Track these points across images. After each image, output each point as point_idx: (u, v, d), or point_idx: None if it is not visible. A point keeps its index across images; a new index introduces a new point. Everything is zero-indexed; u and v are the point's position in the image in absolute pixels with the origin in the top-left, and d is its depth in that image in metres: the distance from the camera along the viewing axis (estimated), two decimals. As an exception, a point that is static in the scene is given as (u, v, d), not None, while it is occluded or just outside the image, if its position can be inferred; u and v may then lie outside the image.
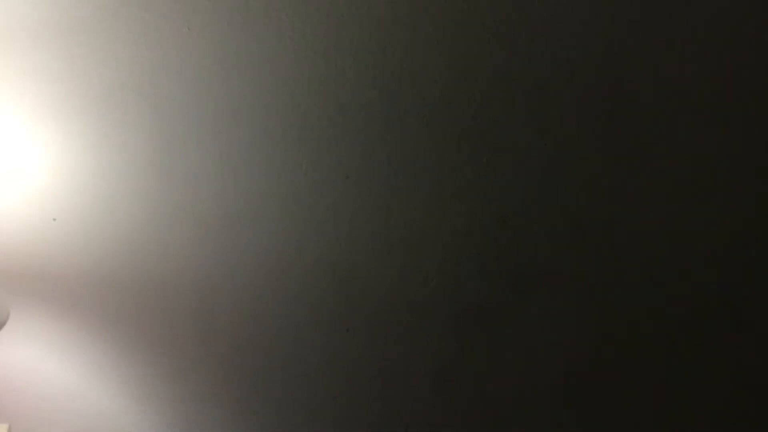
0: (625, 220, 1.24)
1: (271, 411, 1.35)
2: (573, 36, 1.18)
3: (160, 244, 1.28)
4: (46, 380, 1.33)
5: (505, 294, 1.28)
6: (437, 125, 1.22)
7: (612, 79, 1.20)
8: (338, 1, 1.18)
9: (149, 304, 1.31)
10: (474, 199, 1.25)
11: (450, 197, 1.25)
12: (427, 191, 1.25)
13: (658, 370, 1.30)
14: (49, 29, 1.20)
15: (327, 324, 1.31)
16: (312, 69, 1.21)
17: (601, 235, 1.25)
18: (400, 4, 1.18)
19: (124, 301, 1.30)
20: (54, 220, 1.27)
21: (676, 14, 1.17)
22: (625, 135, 1.21)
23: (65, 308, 1.30)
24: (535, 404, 1.32)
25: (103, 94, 1.22)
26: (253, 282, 1.29)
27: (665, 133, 1.21)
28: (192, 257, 1.28)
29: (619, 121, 1.21)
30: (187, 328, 1.31)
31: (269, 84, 1.21)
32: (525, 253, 1.27)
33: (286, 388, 1.34)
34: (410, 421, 1.34)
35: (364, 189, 1.25)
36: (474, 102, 1.21)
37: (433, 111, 1.22)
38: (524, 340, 1.30)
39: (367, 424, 1.35)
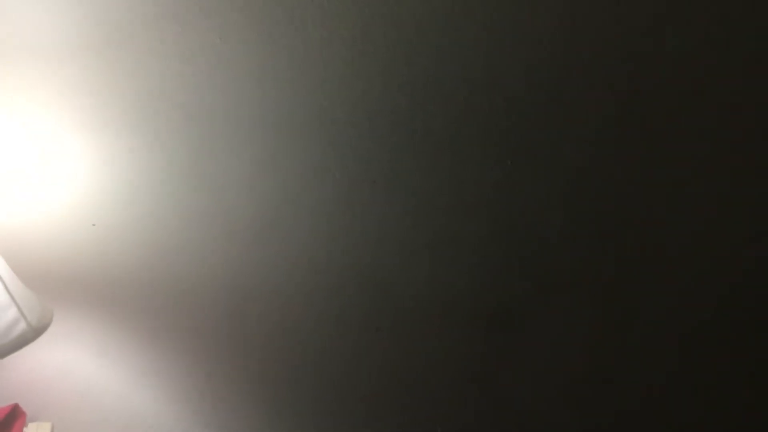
0: (646, 223, 1.25)
1: (303, 411, 1.39)
2: (593, 42, 1.19)
3: (193, 249, 1.32)
4: (86, 381, 1.38)
5: (530, 296, 1.30)
6: (462, 131, 1.24)
7: (631, 82, 1.21)
8: (363, 12, 1.21)
9: (183, 308, 1.35)
10: (498, 203, 1.27)
11: (475, 201, 1.27)
12: (452, 195, 1.27)
13: (680, 369, 1.31)
14: (87, 44, 1.24)
15: (356, 326, 1.34)
16: (339, 77, 1.23)
17: (622, 238, 1.27)
18: (425, 12, 1.20)
19: (160, 304, 1.34)
20: (93, 225, 1.31)
21: (694, 14, 1.18)
22: (647, 140, 1.22)
23: (104, 311, 1.35)
24: (560, 402, 1.34)
25: (137, 104, 1.26)
26: (283, 286, 1.32)
27: (687, 137, 1.22)
28: (224, 262, 1.32)
29: (642, 127, 1.22)
30: (220, 331, 1.35)
31: (298, 92, 1.24)
32: (549, 255, 1.28)
33: (316, 388, 1.37)
34: (439, 420, 1.37)
35: (391, 194, 1.27)
36: (498, 108, 1.23)
37: (458, 117, 1.24)
38: (549, 340, 1.31)
39: (396, 423, 1.37)
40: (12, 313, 1.10)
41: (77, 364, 1.37)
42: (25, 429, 1.26)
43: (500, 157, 1.25)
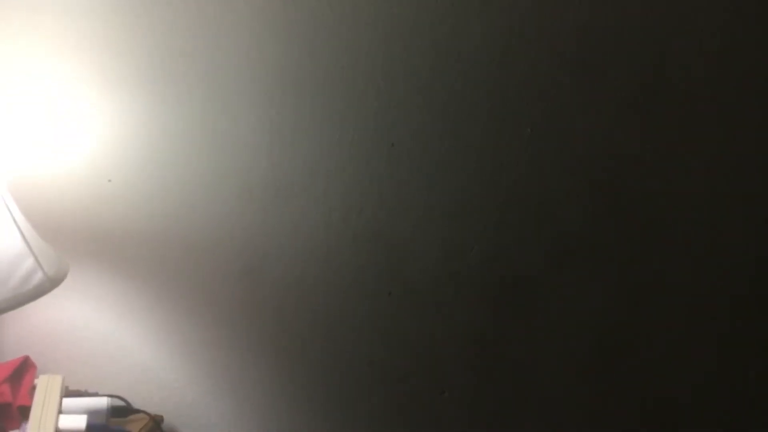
0: (661, 195, 1.26)
1: (313, 371, 1.40)
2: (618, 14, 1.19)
3: (209, 207, 1.32)
4: (98, 335, 1.39)
5: (543, 265, 1.30)
6: (482, 97, 1.24)
7: (651, 55, 1.21)
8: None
9: (198, 266, 1.35)
10: (516, 171, 1.27)
11: (492, 169, 1.27)
12: (470, 162, 1.27)
13: (690, 341, 1.32)
14: (104, 4, 1.23)
15: (370, 290, 1.34)
16: (358, 39, 1.23)
17: (635, 210, 1.27)
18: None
19: (174, 261, 1.35)
20: (109, 181, 1.31)
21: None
22: (669, 110, 1.22)
23: (119, 266, 1.35)
24: (567, 371, 1.35)
25: (157, 62, 1.26)
26: (298, 248, 1.33)
27: (703, 108, 1.22)
28: (239, 221, 1.32)
29: (658, 96, 1.22)
30: (233, 290, 1.36)
31: (318, 53, 1.24)
32: (562, 226, 1.29)
33: (327, 349, 1.38)
34: (446, 384, 1.38)
35: (408, 159, 1.27)
36: (518, 75, 1.23)
37: (477, 83, 1.24)
38: (560, 310, 1.32)
39: (403, 386, 1.39)
40: (29, 262, 1.10)
41: (89, 318, 1.38)
42: (35, 381, 1.27)
43: (519, 125, 1.25)
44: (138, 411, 1.36)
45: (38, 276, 1.10)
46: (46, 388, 1.25)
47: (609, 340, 1.33)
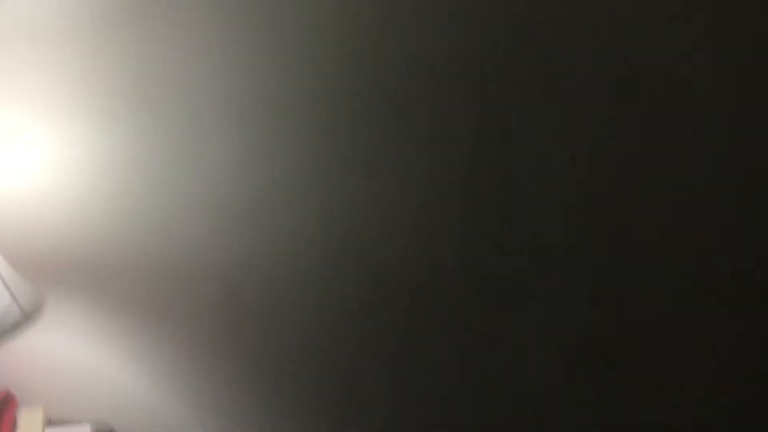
0: (643, 197, 1.27)
1: (298, 389, 1.39)
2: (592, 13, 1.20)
3: (186, 234, 1.31)
4: (78, 367, 1.37)
5: (524, 270, 1.32)
6: (452, 105, 1.24)
7: (628, 55, 1.22)
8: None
9: (177, 293, 1.34)
10: (491, 177, 1.28)
11: (466, 177, 1.28)
12: (445, 171, 1.28)
13: (674, 340, 1.34)
14: (76, 27, 1.22)
15: (352, 304, 1.34)
16: (326, 56, 1.23)
17: (618, 211, 1.29)
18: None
19: (153, 290, 1.33)
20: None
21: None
22: (646, 110, 1.24)
23: (96, 295, 1.34)
24: (555, 375, 1.36)
25: (127, 90, 1.25)
26: (279, 266, 1.32)
27: (688, 109, 1.23)
28: (218, 244, 1.31)
29: (639, 96, 1.23)
30: (216, 314, 1.35)
31: (289, 71, 1.24)
32: (541, 229, 1.30)
33: (313, 368, 1.38)
34: (434, 395, 1.39)
35: (383, 171, 1.28)
36: (489, 81, 1.23)
37: (446, 92, 1.24)
38: (544, 315, 1.34)
39: (390, 397, 1.39)
40: (4, 300, 1.09)
41: (69, 350, 1.36)
42: (17, 415, 1.26)
43: (491, 132, 1.25)
44: (123, 437, 1.35)
45: (14, 313, 1.09)
46: (28, 422, 1.24)
47: (591, 342, 1.35)
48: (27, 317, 1.11)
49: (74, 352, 1.36)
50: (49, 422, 1.31)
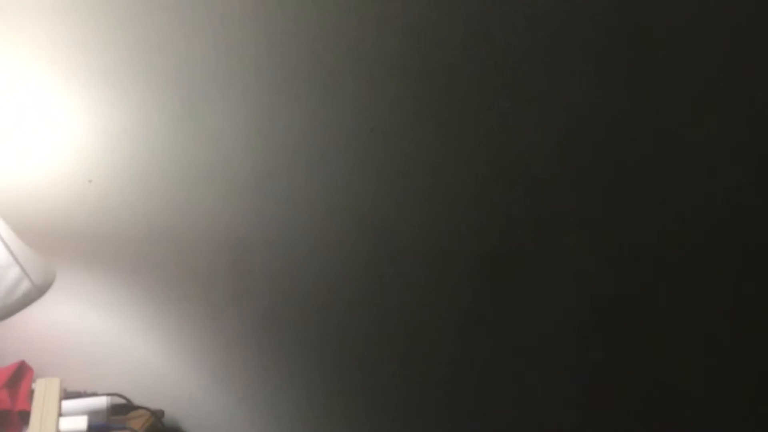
0: (648, 162, 1.26)
1: (307, 356, 1.41)
2: None
3: (193, 201, 1.31)
4: (91, 336, 1.39)
5: (530, 238, 1.31)
6: (459, 75, 1.23)
7: (631, 24, 1.20)
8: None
9: (184, 260, 1.35)
10: (497, 145, 1.27)
11: (472, 144, 1.27)
12: (450, 140, 1.27)
13: (685, 308, 1.34)
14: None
15: (359, 273, 1.35)
16: (334, 23, 1.21)
17: (621, 178, 1.27)
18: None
19: (161, 257, 1.35)
20: (90, 182, 1.30)
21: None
22: (648, 78, 1.22)
23: (106, 266, 1.35)
24: (557, 344, 1.37)
25: (131, 56, 1.24)
26: (285, 236, 1.33)
27: (689, 78, 1.21)
28: (224, 214, 1.32)
29: (642, 66, 1.21)
30: (223, 282, 1.36)
31: (291, 39, 1.22)
32: (548, 197, 1.29)
33: (320, 334, 1.39)
34: (439, 360, 1.39)
35: (388, 141, 1.27)
36: (496, 50, 1.21)
37: (453, 61, 1.23)
38: (548, 283, 1.33)
39: (396, 364, 1.40)
40: (14, 272, 1.10)
41: (81, 319, 1.38)
42: (33, 385, 1.27)
43: (497, 99, 1.24)
44: (138, 407, 1.37)
45: (25, 285, 1.10)
46: (44, 392, 1.25)
47: (602, 309, 1.34)
48: (38, 289, 1.12)
49: (87, 323, 1.38)
50: (65, 394, 1.33)
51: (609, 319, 1.35)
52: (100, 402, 1.29)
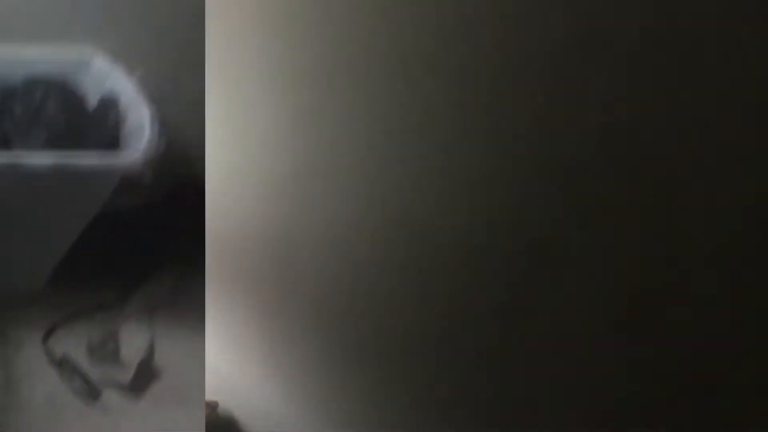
0: (684, 147, 1.24)
1: (354, 346, 1.44)
2: None
3: (238, 202, 1.37)
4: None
5: (570, 230, 1.30)
6: (497, 73, 1.24)
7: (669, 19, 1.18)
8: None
9: (233, 262, 1.40)
10: (537, 138, 1.27)
11: (512, 140, 1.28)
12: (490, 136, 1.28)
13: (724, 297, 1.30)
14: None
15: (400, 268, 1.37)
16: (370, 25, 1.25)
17: (664, 170, 1.25)
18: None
19: (209, 259, 1.40)
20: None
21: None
22: (684, 75, 1.20)
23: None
24: (597, 336, 1.34)
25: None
26: (328, 234, 1.36)
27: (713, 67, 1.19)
28: (267, 215, 1.36)
29: (677, 62, 1.20)
30: (270, 278, 1.40)
31: (328, 41, 1.26)
32: (588, 189, 1.28)
33: (365, 326, 1.42)
34: (483, 352, 1.40)
35: (424, 137, 1.29)
36: (531, 44, 1.23)
37: (490, 55, 1.24)
38: (588, 274, 1.32)
39: (435, 357, 1.41)
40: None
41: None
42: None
43: (534, 96, 1.25)
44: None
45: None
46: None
47: (641, 299, 1.32)
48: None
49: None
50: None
51: (650, 307, 1.32)
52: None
